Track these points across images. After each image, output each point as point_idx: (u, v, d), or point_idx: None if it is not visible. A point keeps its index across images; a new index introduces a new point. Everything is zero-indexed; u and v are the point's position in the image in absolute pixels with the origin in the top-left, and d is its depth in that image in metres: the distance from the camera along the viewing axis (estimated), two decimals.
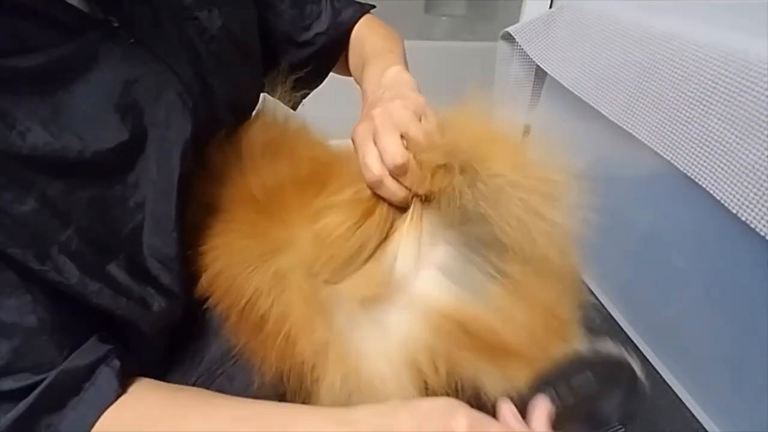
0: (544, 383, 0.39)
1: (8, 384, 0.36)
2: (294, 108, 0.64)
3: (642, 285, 1.03)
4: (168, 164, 0.42)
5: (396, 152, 0.38)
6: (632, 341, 1.01)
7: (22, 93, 0.36)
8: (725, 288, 0.80)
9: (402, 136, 0.40)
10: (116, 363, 0.40)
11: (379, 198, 0.41)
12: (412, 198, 0.40)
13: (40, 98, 0.37)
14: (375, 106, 0.43)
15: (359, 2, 0.71)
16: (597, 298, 1.12)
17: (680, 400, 0.89)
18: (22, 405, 0.36)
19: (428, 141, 0.39)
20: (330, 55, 0.69)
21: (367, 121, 0.41)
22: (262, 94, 0.64)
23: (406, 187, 0.39)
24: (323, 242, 0.40)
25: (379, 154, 0.39)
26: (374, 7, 0.72)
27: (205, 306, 0.48)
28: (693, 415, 0.87)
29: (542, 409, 0.38)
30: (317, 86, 0.73)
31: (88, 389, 0.38)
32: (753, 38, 0.72)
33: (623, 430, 0.83)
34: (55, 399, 0.37)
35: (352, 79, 0.70)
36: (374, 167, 0.39)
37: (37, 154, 0.35)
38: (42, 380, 0.37)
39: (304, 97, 0.67)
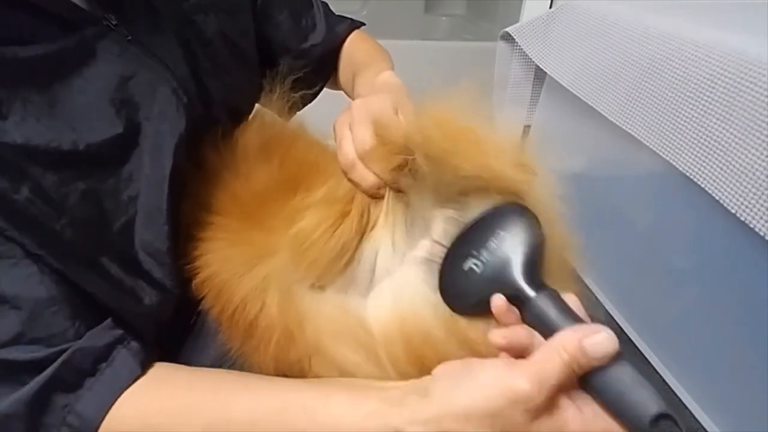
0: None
1: (22, 354, 0.35)
2: (292, 109, 0.65)
3: (642, 285, 1.03)
4: (161, 158, 0.43)
5: (364, 139, 0.40)
6: (632, 341, 1.01)
7: (18, 83, 0.36)
8: (725, 288, 0.80)
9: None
10: (134, 345, 0.39)
11: (353, 192, 0.42)
12: (387, 190, 0.41)
13: (37, 89, 0.37)
14: None
15: (351, 18, 0.74)
16: (597, 298, 1.12)
17: (680, 400, 0.89)
18: (39, 380, 0.35)
19: (396, 132, 0.39)
20: (325, 65, 0.72)
21: (347, 112, 0.44)
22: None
23: (376, 174, 0.41)
24: (301, 247, 0.40)
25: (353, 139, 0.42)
26: (364, 24, 0.75)
27: (200, 308, 0.48)
28: (693, 415, 0.87)
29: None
30: (314, 98, 0.75)
31: (104, 370, 0.38)
32: (752, 38, 0.72)
33: None
34: (72, 378, 0.37)
35: None
36: (348, 151, 0.41)
37: (31, 145, 0.36)
38: (56, 355, 0.36)
39: (303, 98, 0.67)
